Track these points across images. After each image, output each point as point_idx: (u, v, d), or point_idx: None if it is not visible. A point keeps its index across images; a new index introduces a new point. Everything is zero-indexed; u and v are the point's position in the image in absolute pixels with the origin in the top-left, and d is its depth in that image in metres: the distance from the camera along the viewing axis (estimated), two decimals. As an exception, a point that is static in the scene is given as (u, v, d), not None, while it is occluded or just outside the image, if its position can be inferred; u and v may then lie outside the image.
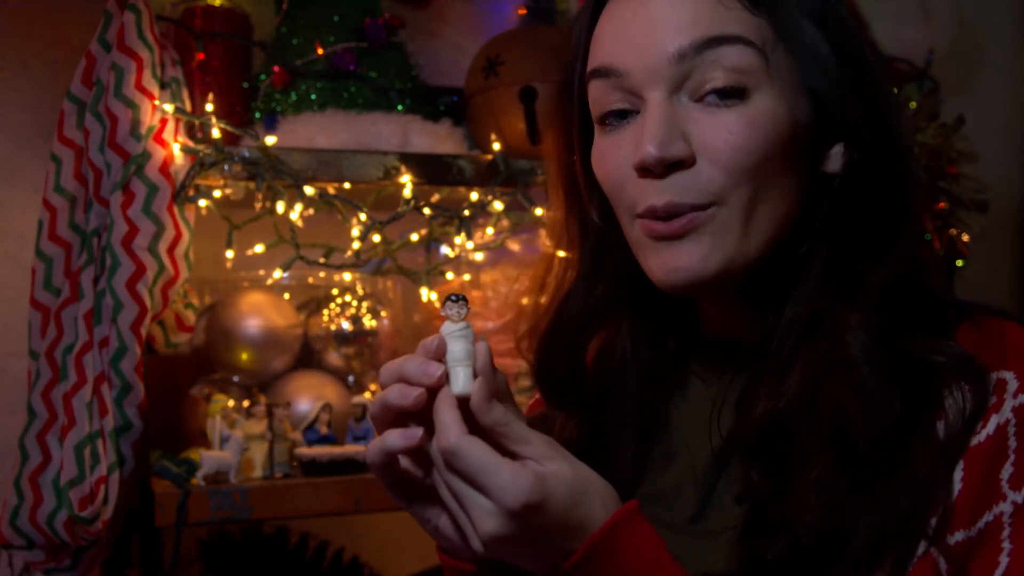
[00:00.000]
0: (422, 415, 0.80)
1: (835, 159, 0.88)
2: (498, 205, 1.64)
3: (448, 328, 0.79)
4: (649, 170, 0.84)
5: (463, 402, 0.78)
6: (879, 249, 0.86)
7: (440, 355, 0.79)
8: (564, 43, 0.95)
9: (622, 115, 0.88)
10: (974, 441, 0.81)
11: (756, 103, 0.83)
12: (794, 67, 0.85)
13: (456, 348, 0.79)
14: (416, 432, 0.78)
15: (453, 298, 0.80)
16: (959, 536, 0.79)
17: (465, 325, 0.79)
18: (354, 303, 1.83)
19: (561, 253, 1.00)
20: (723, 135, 0.83)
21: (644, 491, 0.96)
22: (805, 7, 0.85)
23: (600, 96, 0.89)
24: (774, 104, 0.84)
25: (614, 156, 0.88)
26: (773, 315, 0.88)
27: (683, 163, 0.83)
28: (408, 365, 0.78)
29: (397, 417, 0.80)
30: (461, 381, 0.78)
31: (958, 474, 0.80)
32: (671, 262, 0.85)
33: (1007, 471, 0.80)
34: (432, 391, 0.79)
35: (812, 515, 0.79)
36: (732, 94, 0.83)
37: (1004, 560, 0.78)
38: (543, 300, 0.99)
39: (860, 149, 0.86)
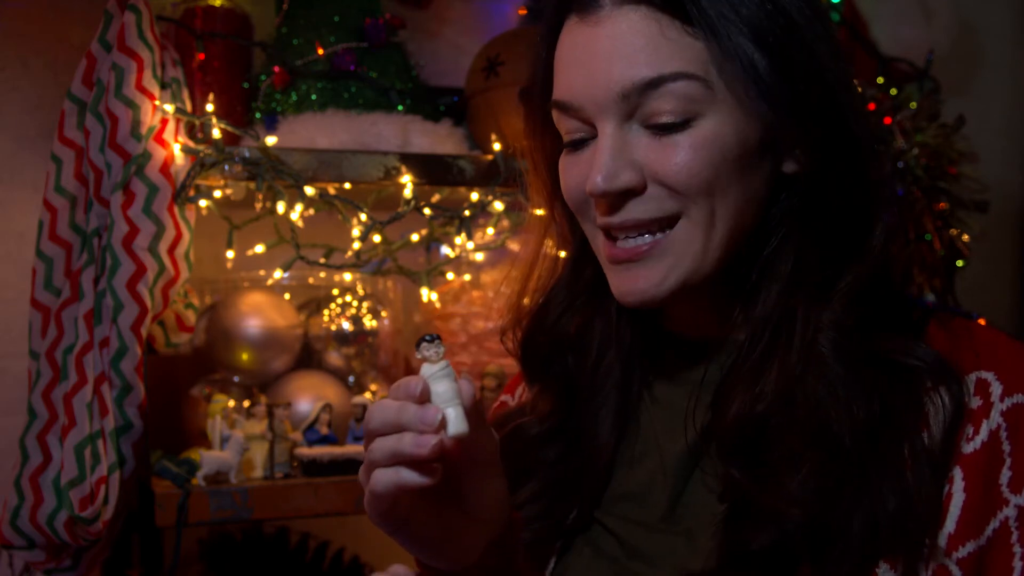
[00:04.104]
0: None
1: (793, 161, 0.89)
2: (498, 205, 1.64)
3: (429, 370, 0.78)
4: (599, 198, 0.87)
5: (459, 441, 0.77)
6: (848, 248, 0.87)
7: (425, 399, 0.77)
8: (530, 59, 0.98)
9: (582, 140, 0.91)
10: (968, 448, 0.82)
11: (702, 126, 0.85)
12: (737, 88, 0.85)
13: (441, 389, 0.78)
14: (435, 470, 0.78)
15: (428, 338, 0.78)
16: (970, 547, 0.80)
17: (445, 364, 0.78)
18: (354, 303, 1.83)
19: (548, 248, 1.03)
20: (671, 160, 0.85)
21: (616, 489, 0.97)
22: (745, 24, 0.84)
23: (560, 120, 0.92)
24: (719, 125, 0.85)
25: (575, 174, 0.91)
26: (741, 311, 0.90)
27: (634, 190, 0.86)
28: (406, 414, 0.77)
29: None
30: (455, 422, 0.77)
31: (959, 484, 0.81)
32: (626, 284, 0.89)
33: (1006, 476, 0.81)
34: None
35: (798, 509, 0.80)
36: (679, 123, 0.85)
37: (1019, 564, 0.79)
38: (526, 301, 1.02)
39: (813, 154, 0.87)
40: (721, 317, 0.92)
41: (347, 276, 1.82)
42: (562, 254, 1.02)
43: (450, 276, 1.76)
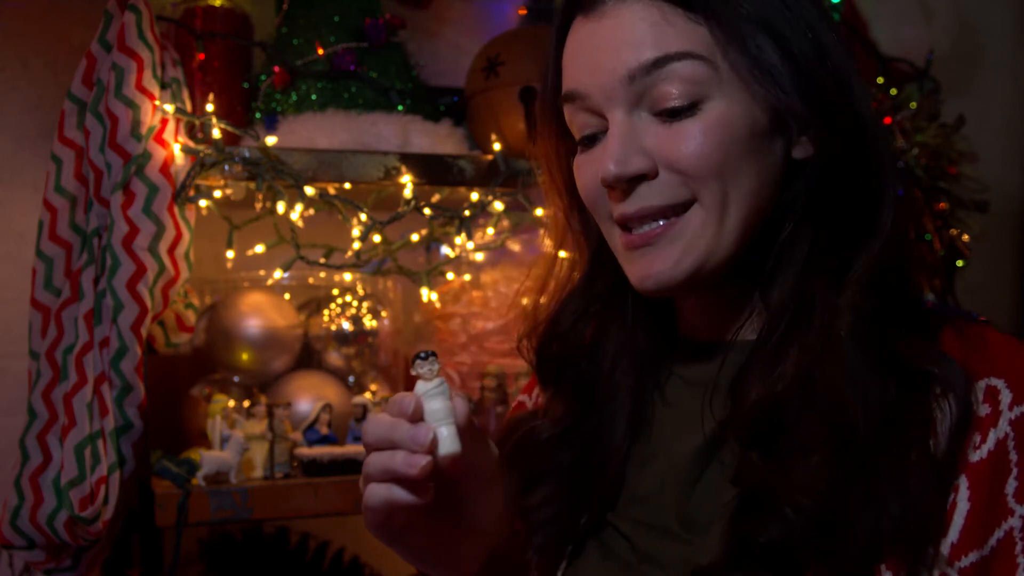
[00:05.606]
0: None
1: (803, 146, 0.89)
2: (498, 205, 1.64)
3: (423, 387, 0.78)
4: (613, 186, 0.87)
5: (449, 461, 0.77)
6: (860, 234, 0.87)
7: (418, 417, 0.78)
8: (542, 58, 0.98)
9: (594, 136, 0.91)
10: (975, 457, 0.81)
11: (710, 110, 0.85)
12: (743, 70, 0.86)
13: (435, 407, 0.78)
14: (427, 489, 0.78)
15: (422, 355, 0.79)
16: (973, 557, 0.79)
17: (440, 382, 0.78)
18: (354, 303, 1.83)
19: (562, 253, 1.03)
20: (680, 145, 0.85)
21: (628, 492, 0.97)
22: (747, 12, 0.86)
23: (572, 118, 0.93)
24: (727, 108, 0.85)
25: (588, 170, 0.91)
26: (760, 299, 0.90)
27: (645, 176, 0.87)
28: (398, 432, 0.78)
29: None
30: (446, 442, 0.77)
31: (964, 493, 0.80)
32: (643, 269, 0.88)
33: (1012, 486, 0.80)
34: None
35: (809, 499, 0.80)
36: (686, 106, 0.85)
37: None
38: (543, 300, 1.02)
39: (822, 136, 0.87)
40: (735, 316, 0.92)
41: (347, 276, 1.82)
42: (578, 256, 1.02)
43: (450, 276, 1.76)
